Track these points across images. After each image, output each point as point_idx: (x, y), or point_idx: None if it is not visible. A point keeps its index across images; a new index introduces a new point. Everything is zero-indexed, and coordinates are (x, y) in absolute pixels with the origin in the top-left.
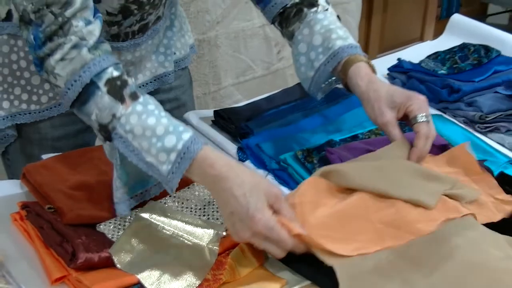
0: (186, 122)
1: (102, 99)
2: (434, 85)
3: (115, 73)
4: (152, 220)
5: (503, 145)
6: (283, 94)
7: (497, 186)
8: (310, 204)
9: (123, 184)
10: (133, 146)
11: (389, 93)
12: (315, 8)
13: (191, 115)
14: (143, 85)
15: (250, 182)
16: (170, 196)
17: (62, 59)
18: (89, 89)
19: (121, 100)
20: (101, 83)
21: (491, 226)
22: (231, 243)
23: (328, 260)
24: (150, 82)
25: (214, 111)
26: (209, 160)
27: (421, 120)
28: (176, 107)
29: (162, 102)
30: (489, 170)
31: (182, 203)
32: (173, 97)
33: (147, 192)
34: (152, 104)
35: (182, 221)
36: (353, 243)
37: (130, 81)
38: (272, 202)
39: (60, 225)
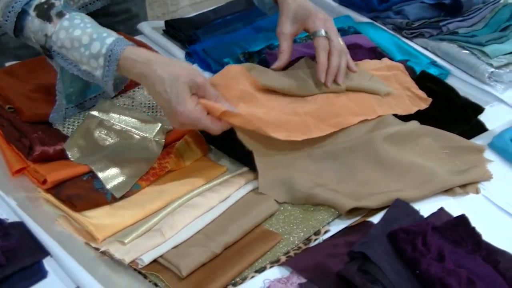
0: (139, 32)
1: (33, 23)
2: None
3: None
4: (103, 117)
5: (426, 49)
6: (229, 5)
7: (412, 81)
8: (232, 88)
9: (64, 96)
10: (70, 59)
11: (296, 9)
12: None
13: (144, 25)
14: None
15: (170, 77)
16: (121, 96)
17: None
18: (21, 17)
19: (49, 20)
20: (31, 10)
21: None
22: (177, 136)
23: (249, 145)
24: None
25: (165, 21)
26: (130, 60)
27: (319, 35)
28: (129, 18)
29: (115, 13)
30: (412, 69)
31: (133, 101)
32: (126, 8)
33: (86, 102)
34: (78, 19)
35: (131, 117)
36: (283, 131)
37: (58, 3)
38: (195, 91)
39: (19, 122)
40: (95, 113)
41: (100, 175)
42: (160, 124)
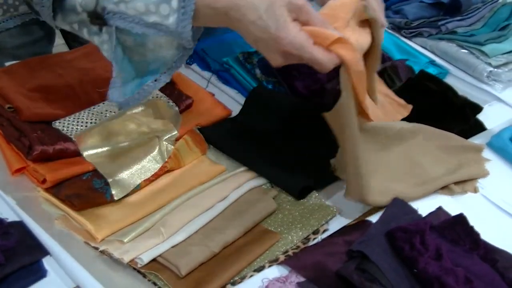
0: None
1: None
2: None
3: None
4: (118, 115)
5: (425, 48)
6: None
7: (389, 89)
8: (341, 18)
9: (127, 76)
10: (131, 16)
11: None
12: None
13: None
14: None
15: (264, 2)
16: None
17: None
18: None
19: None
20: None
21: None
22: (177, 136)
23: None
24: None
25: None
26: None
27: None
28: None
29: None
30: (411, 69)
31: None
32: None
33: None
34: None
35: (143, 116)
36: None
37: None
38: (296, 16)
39: (19, 122)
40: (110, 110)
41: (106, 175)
42: (176, 132)
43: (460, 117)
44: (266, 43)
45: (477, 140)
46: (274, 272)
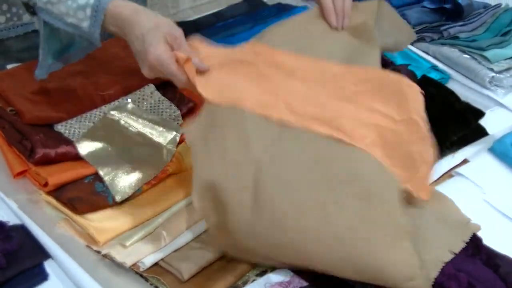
0: None
1: None
2: None
3: None
4: (120, 118)
5: (427, 53)
6: (231, 9)
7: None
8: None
9: (47, 52)
10: (55, 14)
11: None
12: None
13: None
14: None
15: (151, 24)
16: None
17: None
18: None
19: None
20: None
21: None
22: (179, 140)
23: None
24: None
25: None
26: (119, 8)
27: None
28: None
29: None
30: (413, 74)
31: (139, 103)
32: None
33: (70, 56)
34: None
35: (149, 121)
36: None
37: None
38: (171, 41)
39: (20, 124)
40: (113, 113)
41: (106, 178)
42: (175, 133)
43: (462, 122)
44: (140, 56)
45: (479, 145)
46: (276, 276)
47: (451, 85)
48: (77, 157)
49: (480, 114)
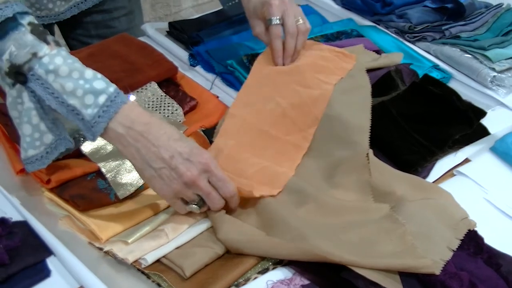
0: (142, 33)
1: (25, 36)
2: None
3: (36, 22)
4: None
5: (428, 52)
6: (231, 8)
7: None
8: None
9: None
10: (53, 88)
11: (254, 4)
12: None
13: (147, 27)
14: None
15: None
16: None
17: None
18: (9, 23)
19: (46, 41)
20: (24, 22)
21: None
22: None
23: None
24: None
25: (169, 22)
26: (139, 109)
27: (271, 24)
28: (124, 15)
29: (110, 10)
30: (414, 73)
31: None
32: (121, 5)
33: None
34: (75, 59)
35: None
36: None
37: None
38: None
39: None
40: None
41: (108, 176)
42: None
43: (464, 122)
44: (183, 160)
45: (481, 145)
46: (278, 274)
47: (452, 85)
48: (79, 155)
49: (482, 113)
